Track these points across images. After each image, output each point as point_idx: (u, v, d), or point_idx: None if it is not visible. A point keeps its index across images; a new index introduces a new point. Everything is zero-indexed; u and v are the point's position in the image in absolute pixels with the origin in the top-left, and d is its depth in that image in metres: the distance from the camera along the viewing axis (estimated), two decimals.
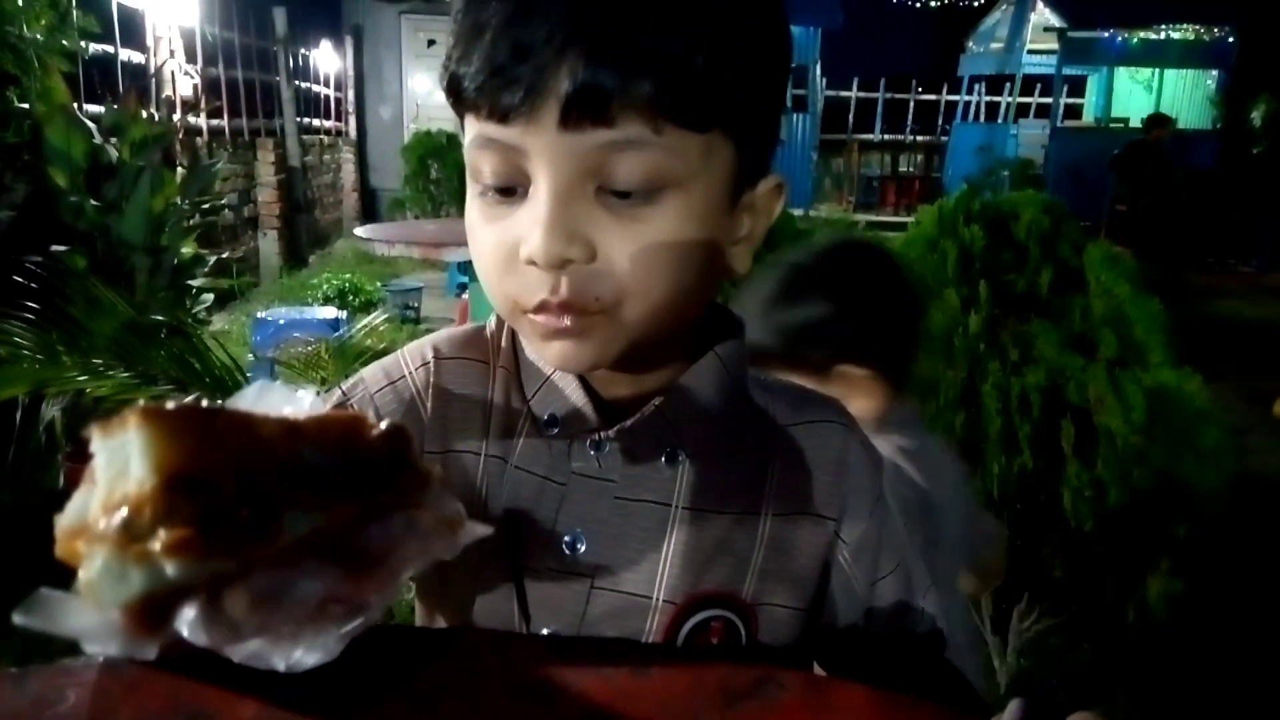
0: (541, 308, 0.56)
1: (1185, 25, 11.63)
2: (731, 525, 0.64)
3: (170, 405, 0.38)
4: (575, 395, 0.63)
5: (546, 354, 0.59)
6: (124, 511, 0.35)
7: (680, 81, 0.52)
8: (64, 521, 0.38)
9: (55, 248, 3.46)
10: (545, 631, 0.62)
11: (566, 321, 0.55)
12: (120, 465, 0.36)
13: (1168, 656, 2.18)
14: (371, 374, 0.68)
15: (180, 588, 0.36)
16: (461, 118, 0.58)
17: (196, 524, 0.35)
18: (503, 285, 0.57)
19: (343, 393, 0.68)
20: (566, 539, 0.62)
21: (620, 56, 0.51)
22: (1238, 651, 2.32)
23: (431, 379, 0.66)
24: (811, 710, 0.49)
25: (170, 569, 0.35)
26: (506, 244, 0.56)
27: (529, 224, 0.54)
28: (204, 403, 0.40)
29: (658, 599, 0.63)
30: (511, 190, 0.56)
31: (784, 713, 0.48)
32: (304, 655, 0.39)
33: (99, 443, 0.37)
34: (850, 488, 0.67)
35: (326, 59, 9.96)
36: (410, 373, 0.67)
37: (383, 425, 0.43)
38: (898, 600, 0.69)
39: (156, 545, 0.35)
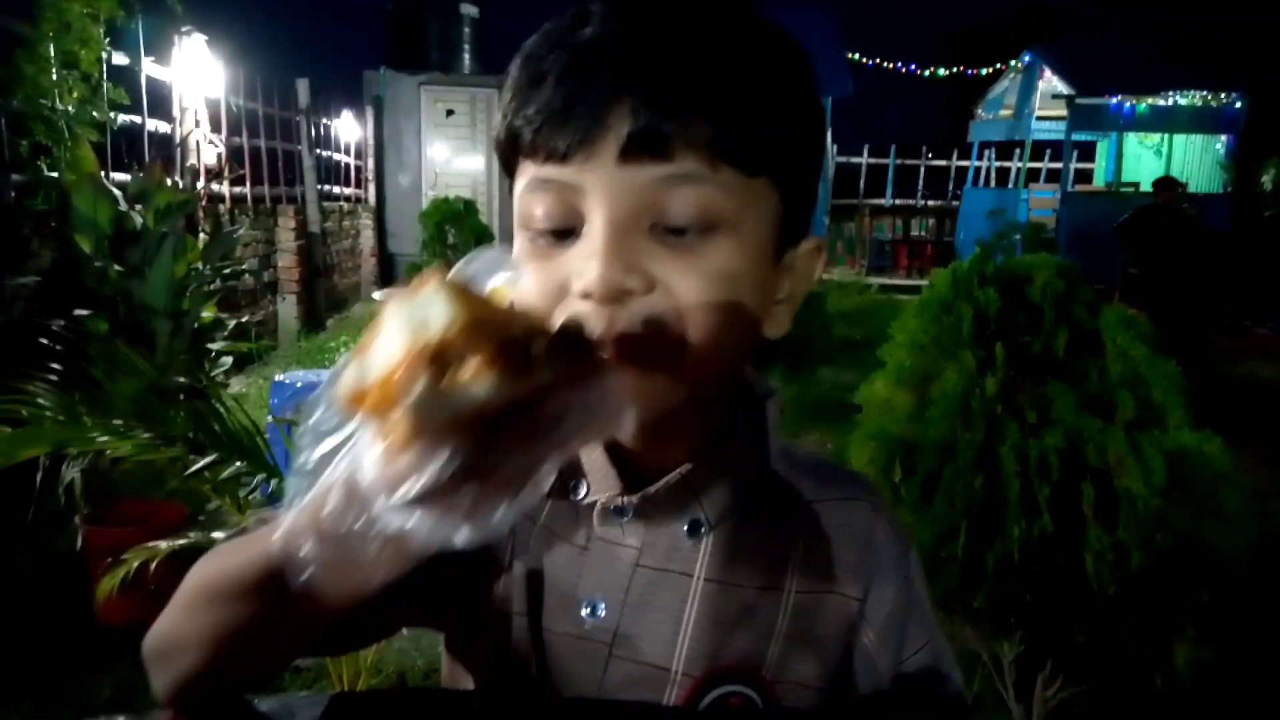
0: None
1: (1191, 92, 11.77)
2: (754, 599, 0.63)
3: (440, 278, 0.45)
4: (600, 460, 0.62)
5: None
6: (433, 349, 0.42)
7: (735, 123, 0.53)
8: (345, 387, 0.44)
9: (79, 311, 3.51)
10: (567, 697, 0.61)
11: (624, 354, 0.53)
12: (420, 319, 0.42)
13: None
14: None
15: (479, 412, 0.41)
16: (512, 172, 0.59)
17: (496, 353, 0.41)
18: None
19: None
20: (586, 605, 0.62)
21: (679, 96, 0.53)
22: (1266, 716, 2.25)
23: None
24: None
25: (479, 391, 0.41)
26: (555, 282, 0.55)
27: (583, 258, 0.53)
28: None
29: (677, 671, 0.61)
30: (564, 233, 0.55)
31: None
32: (465, 531, 0.44)
33: (398, 305, 0.43)
34: (876, 567, 0.65)
35: (347, 128, 10.18)
36: None
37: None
38: (921, 677, 0.67)
39: (467, 372, 0.41)
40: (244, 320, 5.63)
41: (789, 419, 5.20)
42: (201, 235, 5.00)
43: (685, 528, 0.62)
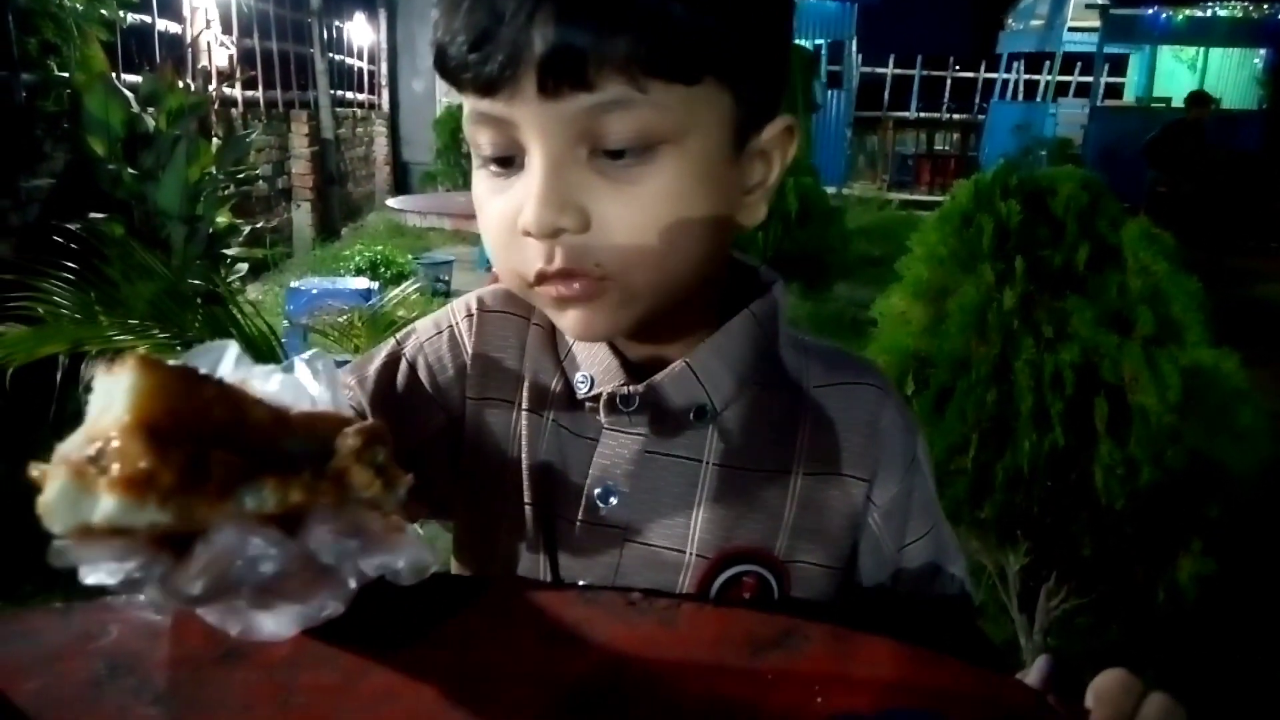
0: (542, 278, 0.56)
1: (1232, 3, 11.34)
2: (763, 482, 0.64)
3: (171, 362, 0.39)
4: (605, 352, 0.63)
5: (562, 323, 0.59)
6: (94, 444, 0.37)
7: (658, 34, 0.50)
8: (62, 449, 0.39)
9: (93, 215, 3.51)
10: (581, 583, 0.63)
11: (575, 287, 0.55)
12: (108, 403, 0.38)
13: (1197, 638, 2.16)
14: (423, 325, 0.71)
15: (122, 530, 0.37)
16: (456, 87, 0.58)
17: (148, 469, 0.36)
18: (507, 258, 0.58)
19: (396, 342, 0.70)
20: (598, 492, 0.63)
21: (592, 14, 0.49)
22: (1269, 634, 2.29)
23: (474, 329, 0.68)
24: (836, 662, 0.49)
25: (111, 505, 0.36)
26: (508, 216, 0.55)
27: (525, 195, 0.54)
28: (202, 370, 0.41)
29: (690, 553, 0.63)
30: (510, 160, 0.55)
31: (809, 664, 0.49)
32: (260, 623, 0.41)
33: (99, 380, 0.39)
34: (882, 450, 0.66)
35: (360, 32, 9.97)
36: (456, 322, 0.69)
37: (365, 423, 0.43)
38: (926, 565, 0.68)
39: (104, 480, 0.36)
40: (259, 226, 5.61)
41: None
42: (214, 140, 4.95)
43: (691, 414, 0.63)
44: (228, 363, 0.46)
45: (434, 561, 0.43)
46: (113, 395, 0.38)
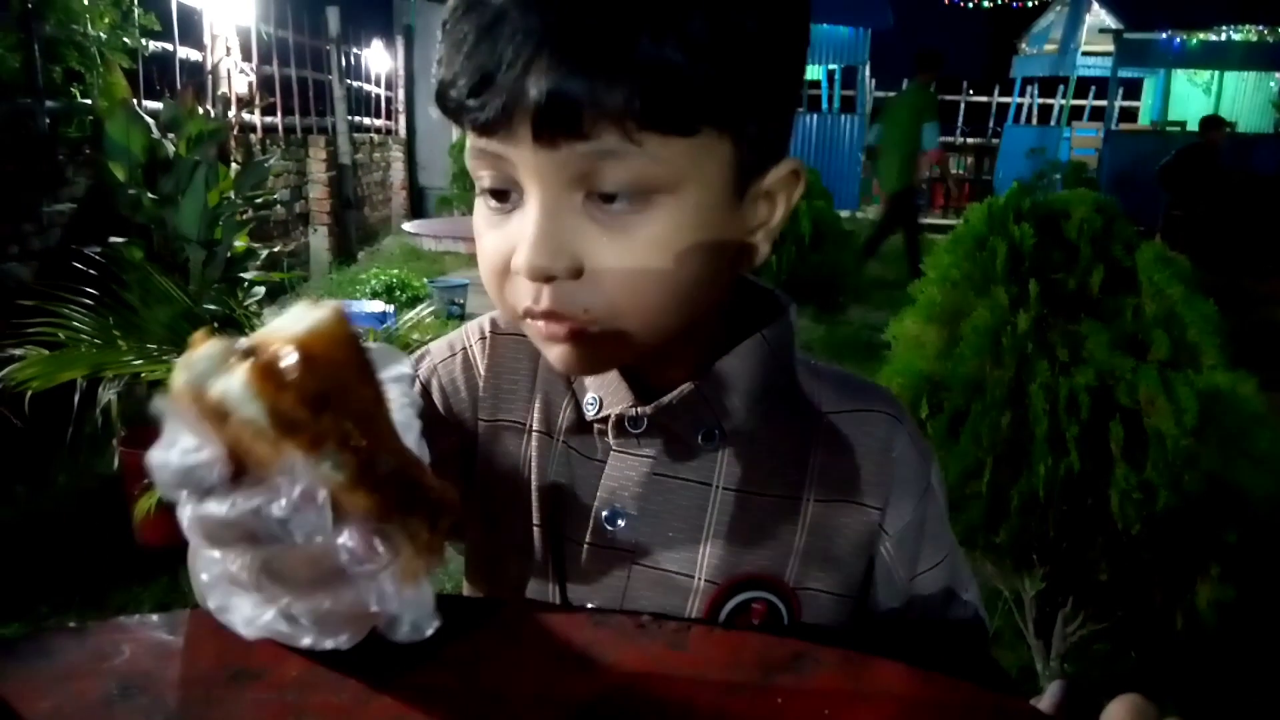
0: (529, 314, 0.56)
1: (1246, 26, 11.33)
2: (774, 508, 0.64)
3: (356, 332, 0.43)
4: (614, 374, 0.63)
5: (549, 356, 0.58)
6: (258, 341, 0.40)
7: (654, 87, 0.49)
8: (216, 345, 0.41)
9: (113, 239, 3.55)
10: (590, 606, 0.63)
11: (562, 329, 0.55)
12: (294, 323, 0.41)
13: (1216, 664, 2.13)
14: (438, 346, 0.71)
15: (221, 417, 0.39)
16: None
17: (282, 371, 0.39)
18: (498, 291, 0.58)
19: (411, 364, 0.70)
20: (606, 514, 0.63)
21: (588, 65, 0.48)
22: None
23: (487, 351, 0.69)
24: (847, 685, 0.49)
25: (233, 382, 0.39)
26: (503, 252, 0.55)
27: (519, 235, 0.54)
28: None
29: (699, 578, 0.63)
30: (508, 195, 0.55)
31: (820, 687, 0.48)
32: (271, 622, 0.43)
33: (301, 304, 0.42)
34: (895, 478, 0.65)
35: (378, 58, 10.08)
36: (469, 345, 0.70)
37: (444, 489, 0.45)
38: (939, 592, 0.68)
39: (245, 365, 0.39)
40: (276, 251, 5.65)
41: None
42: (233, 165, 5.00)
43: (700, 437, 0.62)
44: (391, 374, 0.48)
45: (435, 625, 0.46)
46: (302, 320, 0.41)
